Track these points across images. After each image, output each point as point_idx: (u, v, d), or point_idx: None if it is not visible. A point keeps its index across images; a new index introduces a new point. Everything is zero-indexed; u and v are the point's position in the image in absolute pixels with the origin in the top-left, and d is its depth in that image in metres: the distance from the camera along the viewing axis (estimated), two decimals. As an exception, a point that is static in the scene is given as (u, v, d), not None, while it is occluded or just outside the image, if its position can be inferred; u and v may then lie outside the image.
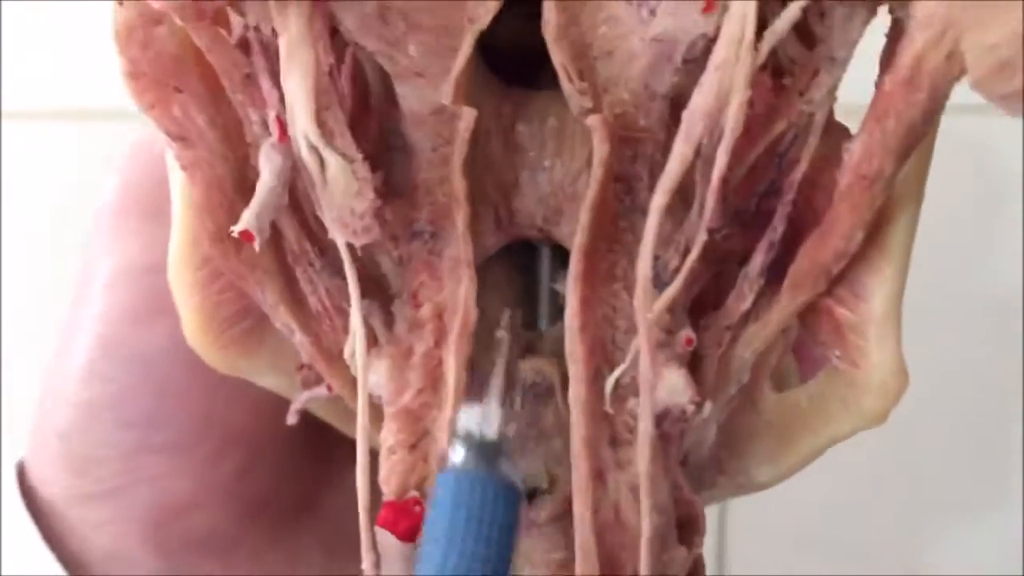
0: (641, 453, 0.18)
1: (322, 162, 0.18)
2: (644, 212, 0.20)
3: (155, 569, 0.24)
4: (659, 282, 0.19)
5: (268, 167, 0.17)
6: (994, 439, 0.45)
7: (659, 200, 0.17)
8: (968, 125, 0.39)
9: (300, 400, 0.22)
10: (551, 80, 0.22)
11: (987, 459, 0.45)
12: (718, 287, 0.20)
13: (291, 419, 0.23)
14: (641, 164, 0.19)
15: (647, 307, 0.17)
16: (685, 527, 0.21)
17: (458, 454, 0.18)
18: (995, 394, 0.44)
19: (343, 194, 0.18)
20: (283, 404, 0.24)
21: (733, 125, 0.16)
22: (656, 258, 0.19)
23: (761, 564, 0.46)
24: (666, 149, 0.20)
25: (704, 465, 0.23)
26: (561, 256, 0.22)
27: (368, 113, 0.21)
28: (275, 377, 0.22)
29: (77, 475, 0.23)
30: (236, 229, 0.17)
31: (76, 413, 0.24)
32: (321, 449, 0.26)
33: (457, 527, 0.17)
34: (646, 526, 0.18)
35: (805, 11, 0.16)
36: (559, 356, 0.22)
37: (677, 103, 0.19)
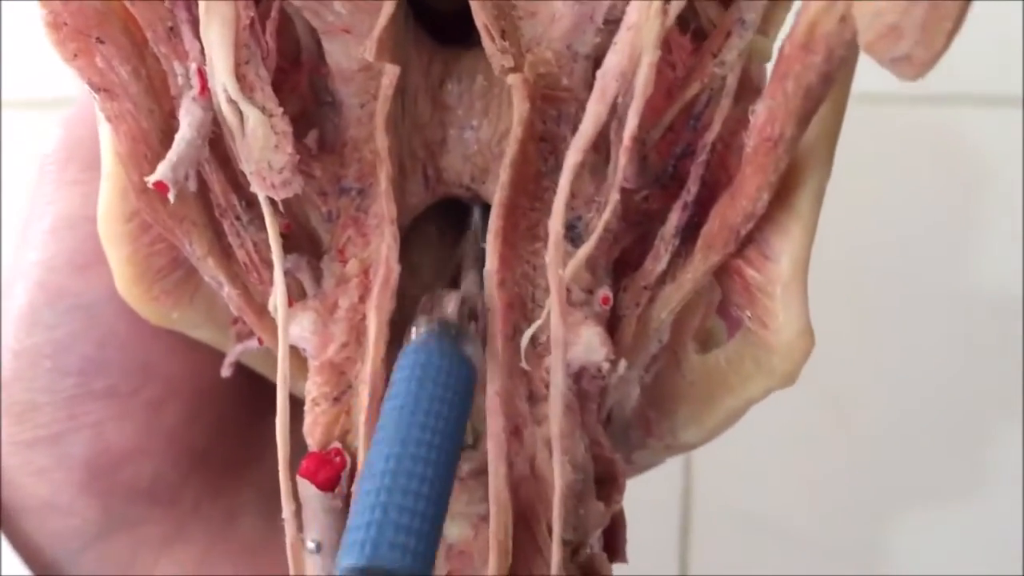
0: (553, 408, 0.18)
1: (241, 116, 0.18)
2: (567, 172, 0.20)
3: (95, 519, 0.24)
4: (580, 242, 0.20)
5: (187, 120, 0.18)
6: (962, 429, 0.45)
7: (573, 158, 0.17)
8: (950, 115, 0.40)
9: (234, 353, 0.23)
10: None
11: (955, 449, 0.45)
12: (642, 249, 0.21)
13: (225, 372, 0.23)
14: (564, 124, 0.20)
15: (558, 262, 0.17)
16: (604, 484, 0.21)
17: (419, 331, 0.19)
18: (965, 384, 0.44)
19: (261, 148, 0.18)
20: (223, 355, 0.25)
21: (643, 86, 0.17)
22: (578, 217, 0.20)
23: (725, 549, 0.46)
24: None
25: (631, 424, 0.24)
26: (493, 215, 0.23)
27: (299, 68, 0.21)
28: (209, 330, 0.23)
29: (16, 422, 0.24)
30: (151, 180, 0.17)
31: (16, 360, 0.24)
32: (261, 404, 0.26)
33: (416, 390, 0.17)
34: (558, 480, 0.19)
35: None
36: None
37: (600, 63, 0.20)
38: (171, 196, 0.17)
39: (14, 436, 0.24)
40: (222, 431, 0.26)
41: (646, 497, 0.22)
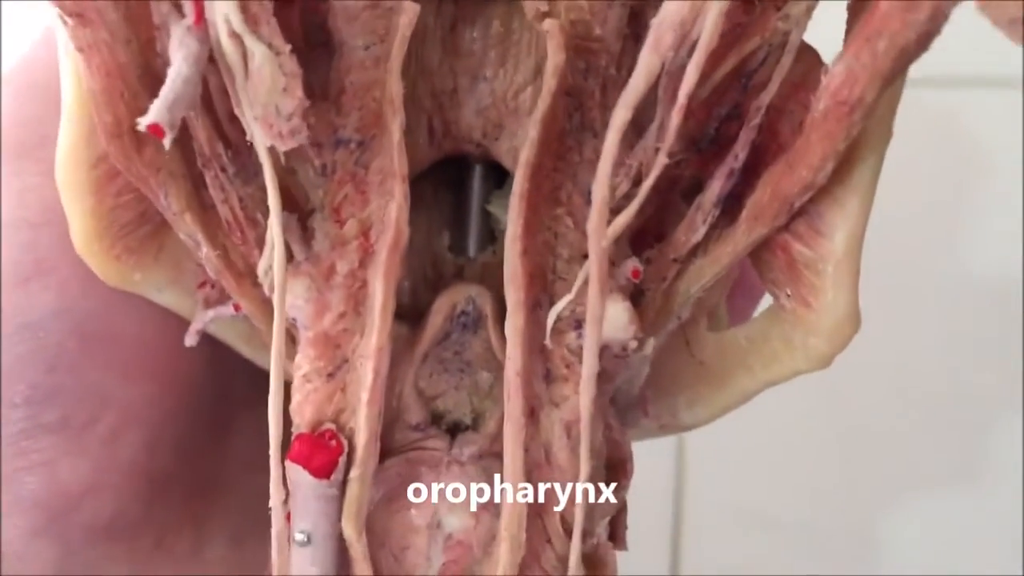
0: (584, 391, 0.17)
1: (244, 53, 0.15)
2: (593, 131, 0.18)
3: (52, 563, 0.21)
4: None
5: (181, 53, 0.15)
6: (960, 419, 0.45)
7: (621, 115, 0.16)
8: (948, 97, 0.39)
9: (202, 319, 0.20)
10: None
11: (952, 439, 0.45)
12: (660, 219, 0.19)
13: (190, 340, 0.21)
14: (593, 78, 0.18)
15: (602, 231, 0.16)
16: (613, 469, 0.20)
17: None
18: (962, 372, 0.44)
19: (268, 91, 0.16)
20: (183, 375, 0.22)
21: (708, 37, 0.15)
22: (604, 183, 0.18)
23: (718, 543, 0.45)
24: (620, 63, 0.18)
25: (630, 404, 0.22)
26: (495, 175, 0.21)
27: (291, 5, 0.19)
28: (174, 294, 0.20)
29: None
30: (144, 122, 0.15)
31: None
32: (224, 422, 0.24)
33: None
34: (584, 470, 0.17)
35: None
36: (489, 284, 0.20)
37: (635, 13, 0.18)
38: (167, 141, 0.15)
39: None
40: (184, 456, 0.23)
41: (637, 490, 0.20)
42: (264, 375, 0.18)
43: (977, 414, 0.44)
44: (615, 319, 0.18)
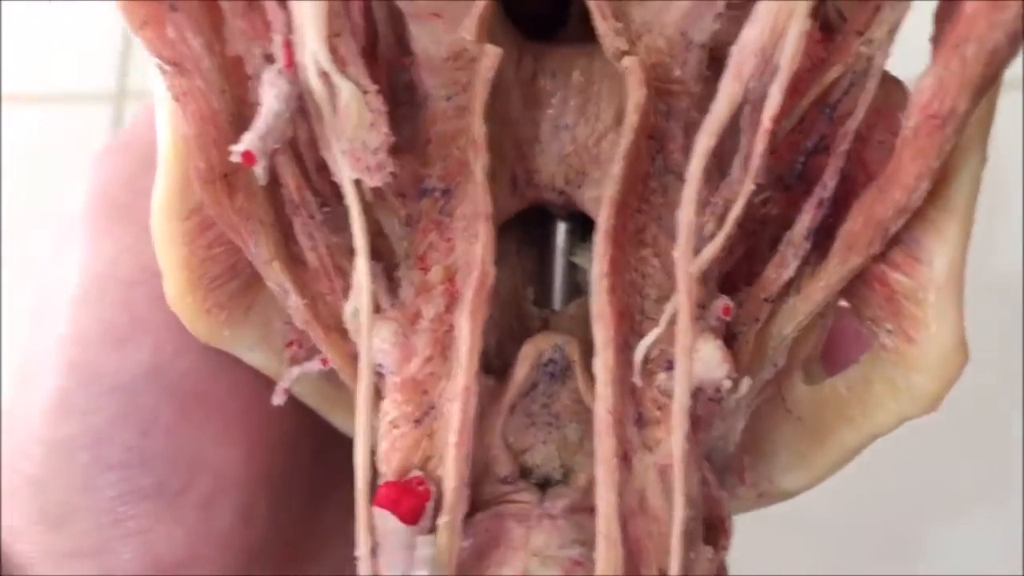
0: (677, 421, 0.16)
1: (332, 93, 0.16)
2: (676, 174, 0.18)
3: None
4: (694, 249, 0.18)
5: (273, 92, 0.16)
6: (958, 420, 0.43)
7: (704, 142, 0.16)
8: None
9: (290, 377, 0.20)
10: (572, 38, 0.21)
11: (954, 440, 0.43)
12: (749, 265, 0.19)
13: (278, 399, 0.21)
14: (675, 121, 0.18)
15: (689, 255, 0.15)
16: (711, 527, 0.19)
17: None
18: (986, 377, 0.43)
19: (356, 126, 0.16)
20: (277, 440, 0.22)
21: (790, 58, 0.15)
22: (689, 223, 0.18)
23: (735, 538, 0.44)
24: (701, 107, 0.18)
25: (727, 467, 0.21)
26: (580, 230, 0.21)
27: (375, 62, 0.19)
28: (263, 353, 0.20)
29: (54, 528, 0.20)
30: (238, 149, 0.15)
31: (50, 453, 0.20)
32: (320, 492, 0.23)
33: None
34: (678, 510, 0.16)
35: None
36: (576, 335, 0.20)
37: (714, 55, 0.18)
38: (258, 169, 0.15)
39: (52, 546, 0.20)
40: (277, 525, 0.22)
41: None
42: None
43: (978, 414, 0.42)
44: (707, 357, 0.17)
